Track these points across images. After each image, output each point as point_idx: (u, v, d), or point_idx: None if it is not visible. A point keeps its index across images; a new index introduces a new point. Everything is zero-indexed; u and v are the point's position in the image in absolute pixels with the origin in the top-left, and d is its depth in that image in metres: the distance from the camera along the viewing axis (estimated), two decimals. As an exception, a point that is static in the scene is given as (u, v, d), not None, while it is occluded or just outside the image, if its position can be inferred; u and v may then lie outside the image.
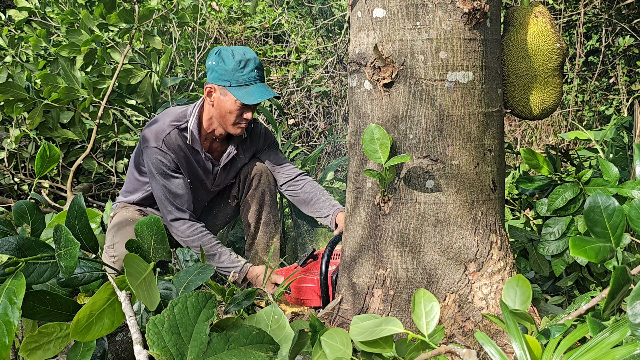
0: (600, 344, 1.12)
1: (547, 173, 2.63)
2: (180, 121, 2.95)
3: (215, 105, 2.91)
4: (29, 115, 3.90)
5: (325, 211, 3.09)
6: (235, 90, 2.83)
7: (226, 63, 2.83)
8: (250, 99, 2.82)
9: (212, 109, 2.94)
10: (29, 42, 4.77)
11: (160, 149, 2.87)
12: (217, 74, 2.86)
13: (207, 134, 3.03)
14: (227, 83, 2.83)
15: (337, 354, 1.42)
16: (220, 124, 2.96)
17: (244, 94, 2.83)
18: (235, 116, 2.89)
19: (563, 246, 2.54)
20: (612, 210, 1.23)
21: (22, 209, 1.68)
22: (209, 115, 2.97)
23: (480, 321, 2.05)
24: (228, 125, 2.93)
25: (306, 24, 7.47)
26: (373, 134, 2.01)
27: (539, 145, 6.24)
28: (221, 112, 2.90)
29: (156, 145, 2.88)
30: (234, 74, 2.82)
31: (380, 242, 2.12)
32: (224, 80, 2.84)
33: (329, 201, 3.11)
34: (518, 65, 2.19)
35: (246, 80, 2.84)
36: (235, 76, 2.82)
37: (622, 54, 6.66)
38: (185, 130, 2.95)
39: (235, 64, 2.83)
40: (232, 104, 2.85)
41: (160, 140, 2.88)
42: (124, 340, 1.77)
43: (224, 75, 2.83)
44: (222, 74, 2.84)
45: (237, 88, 2.83)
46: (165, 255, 1.57)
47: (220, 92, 2.87)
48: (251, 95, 2.83)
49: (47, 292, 1.46)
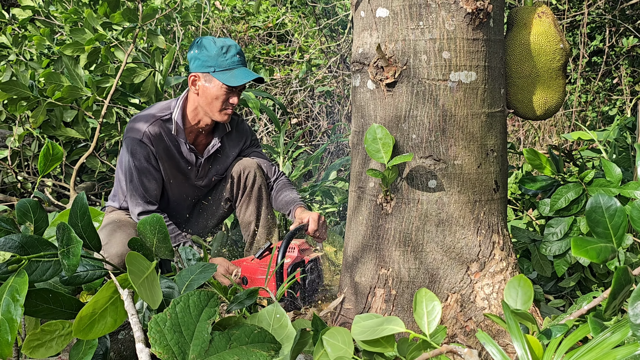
0: (602, 344, 1.12)
1: (549, 173, 2.63)
2: (163, 112, 2.97)
3: (200, 93, 2.93)
4: (32, 113, 3.91)
5: (287, 207, 3.12)
6: (220, 74, 2.86)
7: (208, 50, 2.87)
8: (235, 81, 2.85)
9: (197, 97, 2.95)
10: (32, 41, 4.77)
11: (142, 140, 2.89)
12: (200, 61, 2.88)
13: (191, 126, 3.04)
14: (210, 69, 2.87)
15: (339, 353, 1.42)
16: (206, 113, 2.98)
17: (228, 77, 2.86)
18: (221, 102, 2.91)
19: (565, 247, 2.54)
20: (614, 210, 1.23)
21: (25, 207, 1.69)
22: (194, 105, 2.98)
23: (482, 321, 2.05)
24: (214, 112, 2.95)
25: (309, 24, 7.47)
26: (376, 134, 2.01)
27: (542, 145, 6.23)
28: (207, 99, 2.92)
29: (138, 136, 2.89)
30: (217, 59, 2.86)
31: (383, 241, 2.12)
32: (207, 67, 2.87)
33: (292, 197, 3.14)
34: (521, 66, 2.19)
35: (229, 64, 2.88)
36: (219, 61, 2.86)
37: (626, 55, 6.65)
38: (168, 122, 2.97)
39: (217, 50, 2.86)
40: (217, 89, 2.88)
41: (142, 132, 2.90)
42: (126, 339, 1.77)
43: (208, 62, 2.87)
44: (205, 60, 2.87)
45: (221, 72, 2.87)
46: (168, 254, 1.57)
47: (205, 79, 2.90)
48: (236, 77, 2.86)
49: (49, 290, 1.47)
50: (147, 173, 2.95)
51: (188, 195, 3.21)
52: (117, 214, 3.09)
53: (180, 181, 3.10)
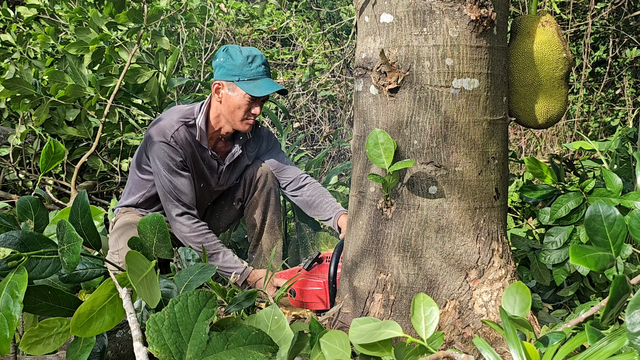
0: (598, 353, 1.12)
1: (550, 182, 2.63)
2: (187, 118, 2.96)
3: (223, 101, 2.92)
4: (35, 111, 3.91)
5: (328, 213, 3.09)
6: (244, 84, 2.85)
7: (234, 59, 2.87)
8: (259, 92, 2.84)
9: (220, 105, 2.95)
10: (37, 40, 4.79)
11: (169, 144, 2.87)
12: (225, 69, 2.88)
13: (213, 132, 3.03)
14: (235, 78, 2.86)
15: (336, 356, 1.42)
16: (228, 121, 2.97)
17: (252, 87, 2.85)
18: (243, 111, 2.90)
19: (564, 255, 2.54)
20: (613, 219, 1.24)
21: (26, 205, 1.69)
22: (217, 113, 2.98)
23: (480, 328, 2.05)
24: (236, 122, 2.95)
25: (314, 28, 7.49)
26: (377, 139, 2.02)
27: (543, 154, 6.24)
28: (229, 107, 2.91)
29: (164, 140, 2.87)
30: (242, 69, 2.85)
31: (382, 246, 2.12)
32: (232, 75, 2.86)
33: (332, 203, 3.11)
34: (524, 74, 2.19)
35: (254, 74, 2.87)
36: (244, 70, 2.85)
37: (629, 66, 6.66)
38: (192, 127, 2.96)
39: (243, 59, 2.86)
40: (240, 98, 2.87)
41: (169, 135, 2.88)
42: (124, 337, 1.77)
43: (232, 71, 2.86)
44: (230, 69, 2.86)
45: (245, 82, 2.86)
46: (167, 254, 1.58)
47: (229, 88, 2.89)
48: (260, 88, 2.85)
49: (48, 287, 1.47)
50: (179, 176, 2.92)
51: (206, 199, 3.22)
52: (132, 216, 3.06)
53: (203, 187, 3.11)
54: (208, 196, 3.21)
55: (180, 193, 2.92)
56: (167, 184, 2.90)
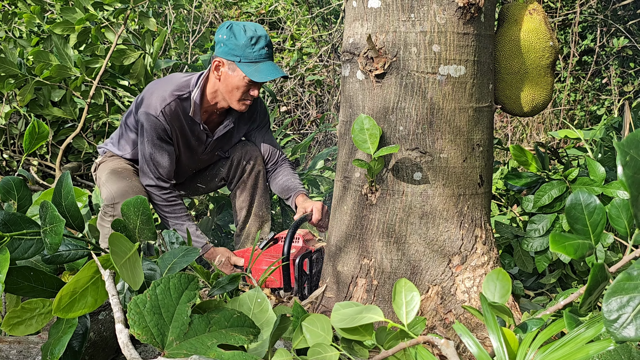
0: (576, 339, 1.14)
1: (535, 170, 2.65)
2: (182, 91, 2.93)
3: (222, 79, 2.89)
4: (20, 91, 3.88)
5: (288, 193, 3.12)
6: (245, 66, 2.81)
7: (237, 38, 2.80)
8: (259, 77, 2.80)
9: (218, 83, 2.92)
10: (22, 18, 4.73)
11: (157, 118, 2.86)
12: (227, 48, 2.83)
13: (208, 106, 3.01)
14: (236, 58, 2.81)
15: (318, 339, 1.43)
16: (225, 99, 2.95)
17: (253, 71, 2.81)
18: (241, 92, 2.88)
19: (547, 243, 2.56)
20: (593, 208, 1.25)
21: (9, 185, 1.68)
22: (214, 89, 2.95)
23: (462, 314, 2.07)
24: (233, 101, 2.93)
25: (302, 12, 7.45)
26: (363, 124, 2.02)
27: (529, 142, 6.27)
28: (228, 87, 2.88)
29: (154, 113, 2.86)
30: (245, 50, 2.80)
31: (366, 232, 2.13)
32: (233, 55, 2.81)
33: (295, 184, 3.14)
34: (510, 62, 2.20)
35: (256, 57, 2.82)
36: (246, 52, 2.80)
37: (616, 55, 6.69)
38: (186, 100, 2.94)
39: (246, 40, 2.80)
40: (240, 80, 2.84)
41: (159, 110, 2.86)
42: (107, 319, 1.77)
43: (235, 50, 2.81)
44: (232, 48, 2.81)
45: (246, 64, 2.81)
46: (151, 236, 1.58)
47: (229, 67, 2.85)
48: (261, 73, 2.81)
49: (31, 268, 1.47)
50: (161, 149, 2.93)
51: (189, 166, 3.22)
52: (119, 162, 3.09)
53: (187, 155, 3.10)
54: (192, 164, 3.22)
55: (158, 165, 2.94)
56: (148, 154, 2.92)
